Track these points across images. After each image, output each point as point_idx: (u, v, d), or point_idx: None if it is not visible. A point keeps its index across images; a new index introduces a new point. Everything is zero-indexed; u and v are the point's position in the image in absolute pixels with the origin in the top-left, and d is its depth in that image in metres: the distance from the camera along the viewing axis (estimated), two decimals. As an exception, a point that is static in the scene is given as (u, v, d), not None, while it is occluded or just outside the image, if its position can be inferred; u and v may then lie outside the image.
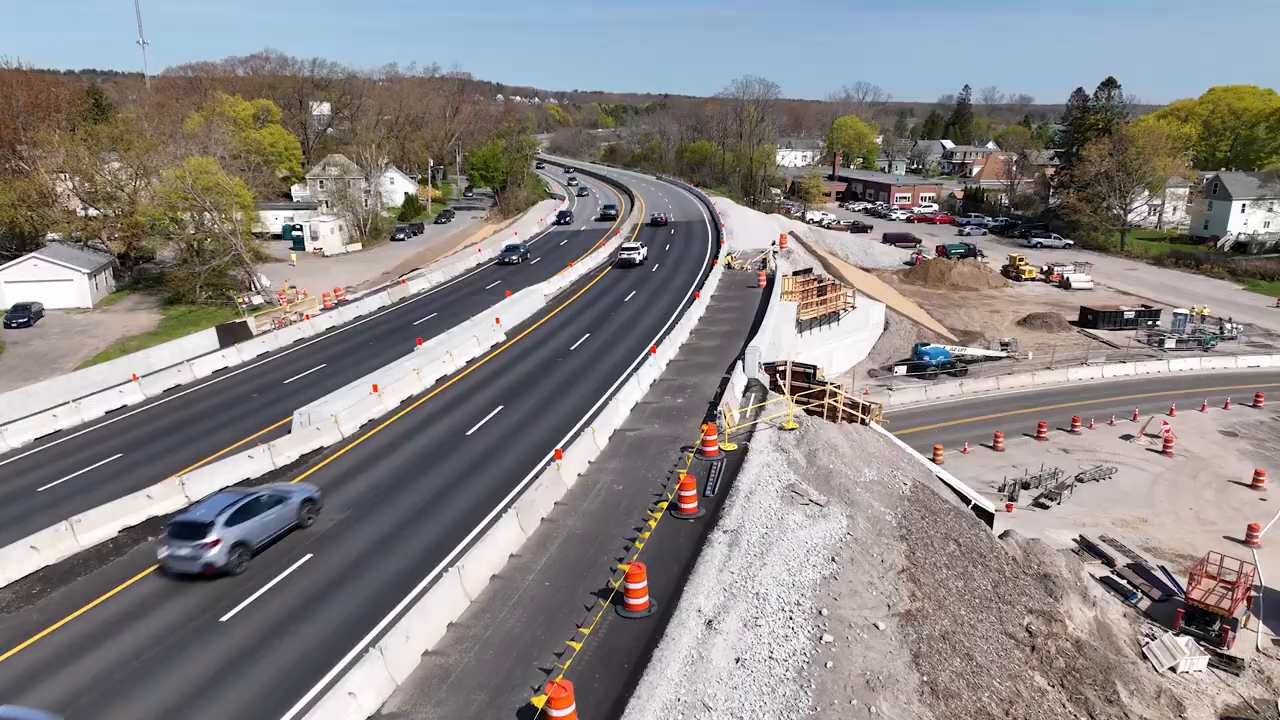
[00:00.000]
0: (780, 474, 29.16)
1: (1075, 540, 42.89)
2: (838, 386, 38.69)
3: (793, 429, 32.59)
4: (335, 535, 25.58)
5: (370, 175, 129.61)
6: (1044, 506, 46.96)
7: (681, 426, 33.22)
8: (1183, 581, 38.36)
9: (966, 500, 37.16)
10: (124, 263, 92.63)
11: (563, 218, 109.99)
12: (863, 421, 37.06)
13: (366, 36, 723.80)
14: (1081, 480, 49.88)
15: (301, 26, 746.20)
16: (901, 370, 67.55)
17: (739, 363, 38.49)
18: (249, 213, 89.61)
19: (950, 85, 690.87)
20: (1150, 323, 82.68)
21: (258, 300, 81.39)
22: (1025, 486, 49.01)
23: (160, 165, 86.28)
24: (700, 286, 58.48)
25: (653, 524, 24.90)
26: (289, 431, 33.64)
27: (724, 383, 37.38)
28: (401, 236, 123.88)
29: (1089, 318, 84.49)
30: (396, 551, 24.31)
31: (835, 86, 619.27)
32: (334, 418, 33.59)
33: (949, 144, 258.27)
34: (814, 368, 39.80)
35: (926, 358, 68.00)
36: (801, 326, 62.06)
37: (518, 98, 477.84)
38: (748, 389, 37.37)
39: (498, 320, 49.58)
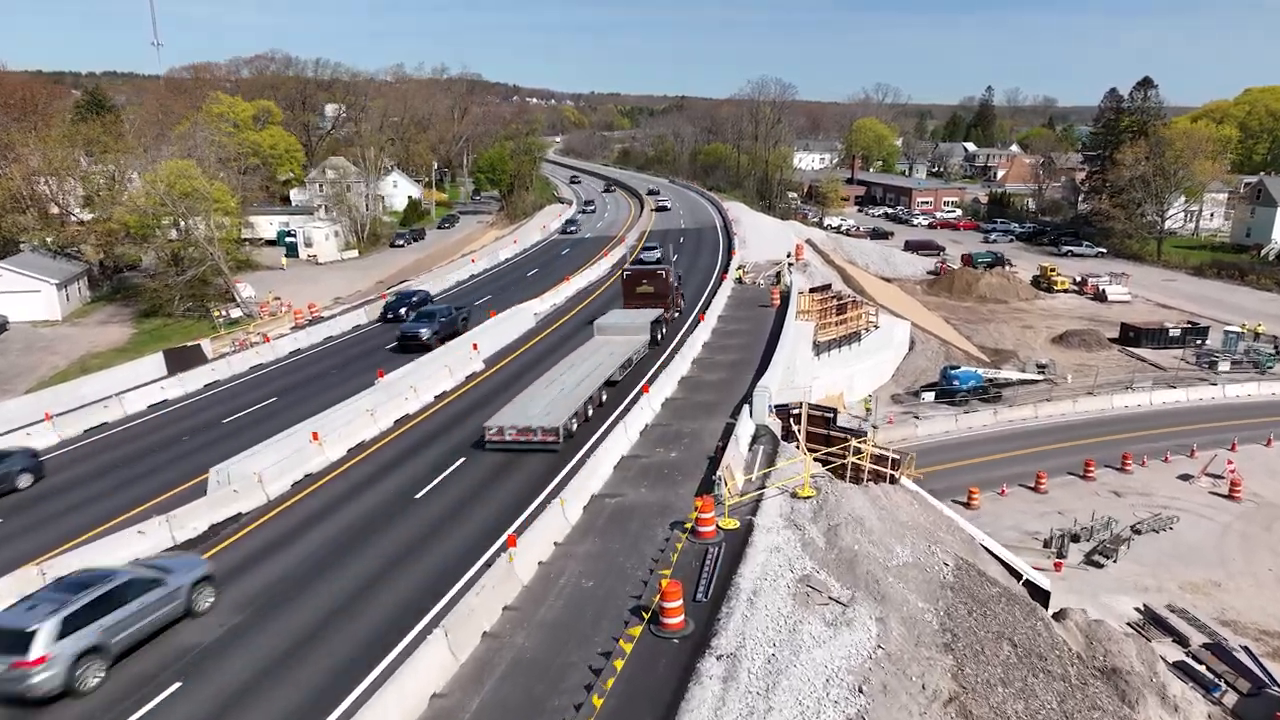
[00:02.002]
0: (793, 561, 23.35)
1: (1139, 611, 36.81)
2: (862, 435, 32.78)
3: (809, 497, 26.74)
4: (221, 649, 19.97)
5: (370, 179, 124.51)
6: (1097, 565, 40.83)
7: (674, 491, 27.42)
8: (1276, 670, 32.28)
9: (1017, 574, 31.18)
10: (103, 272, 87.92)
11: (391, 308, 56.95)
12: (892, 479, 31.16)
13: (381, 38, 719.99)
14: (1139, 532, 43.70)
15: (315, 29, 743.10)
16: (929, 396, 61.46)
17: (745, 406, 32.67)
18: (233, 218, 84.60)
19: (971, 87, 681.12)
20: (1198, 341, 76.09)
21: (236, 313, 76.29)
22: (1075, 539, 42.87)
23: (139, 168, 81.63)
24: (706, 306, 52.69)
25: (625, 651, 19.06)
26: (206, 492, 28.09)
27: (727, 431, 31.59)
28: (401, 243, 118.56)
29: (1130, 335, 77.98)
30: (286, 682, 18.65)
31: (854, 87, 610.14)
32: (257, 476, 28.02)
33: (971, 146, 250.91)
34: (834, 411, 33.93)
35: (956, 382, 61.89)
36: (819, 348, 56.23)
37: (534, 99, 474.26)
38: (755, 440, 31.54)
39: (475, 346, 43.97)
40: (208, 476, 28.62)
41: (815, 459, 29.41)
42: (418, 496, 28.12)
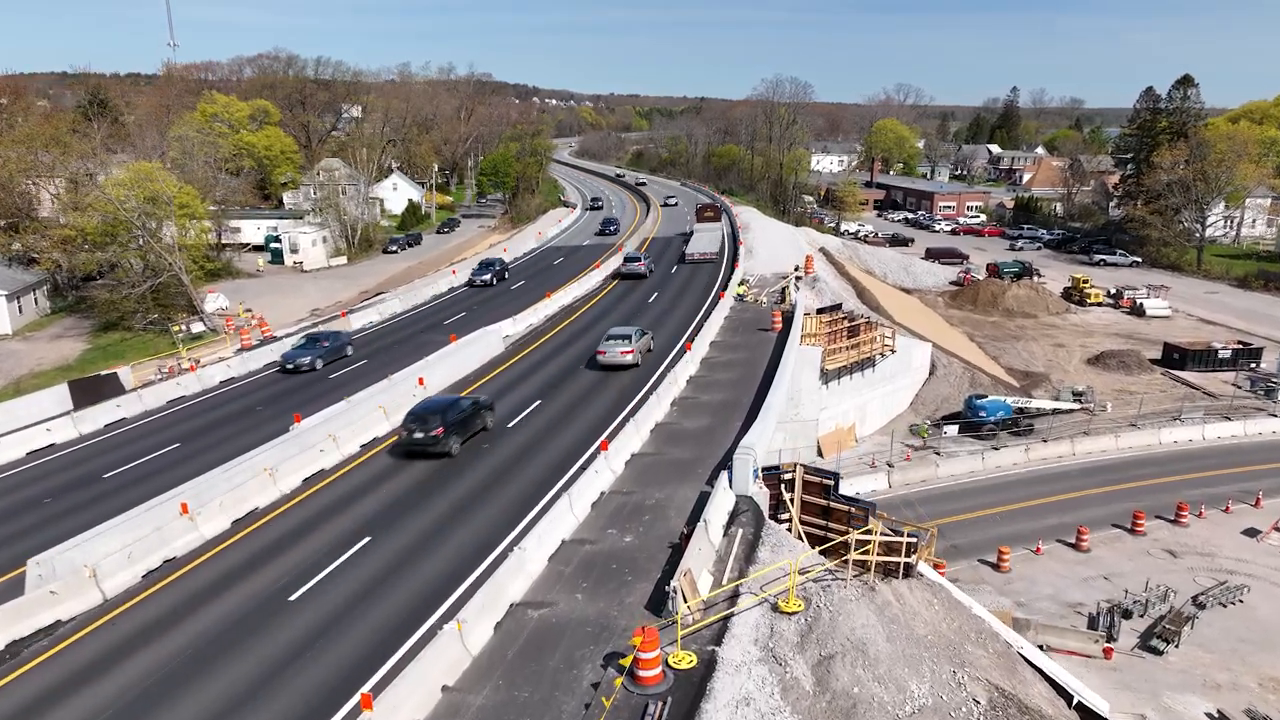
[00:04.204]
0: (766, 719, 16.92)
1: (1212, 719, 30.06)
2: (868, 509, 26.21)
3: (795, 612, 20.31)
4: None
5: (364, 181, 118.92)
6: (1156, 651, 34.03)
7: (618, 600, 20.98)
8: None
9: (1067, 695, 24.55)
10: (69, 281, 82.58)
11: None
12: (906, 569, 24.58)
13: (397, 40, 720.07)
14: (1202, 605, 36.86)
15: (329, 31, 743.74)
16: (952, 429, 54.66)
17: (725, 472, 26.14)
18: (201, 224, 79.02)
19: (995, 87, 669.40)
20: (1251, 364, 68.80)
21: (199, 327, 70.68)
22: (1127, 615, 36.14)
23: (104, 170, 76.45)
24: (697, 332, 46.05)
25: None
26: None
27: (701, 503, 25.17)
28: (394, 249, 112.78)
29: (1174, 356, 70.72)
30: None
31: (875, 88, 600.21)
32: (90, 570, 21.92)
33: (995, 149, 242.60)
34: (835, 475, 27.40)
35: (983, 413, 55.05)
36: (827, 376, 49.74)
37: (553, 100, 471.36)
38: (733, 519, 24.97)
39: (421, 381, 37.71)
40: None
41: (810, 536, 22.94)
42: (293, 598, 21.87)
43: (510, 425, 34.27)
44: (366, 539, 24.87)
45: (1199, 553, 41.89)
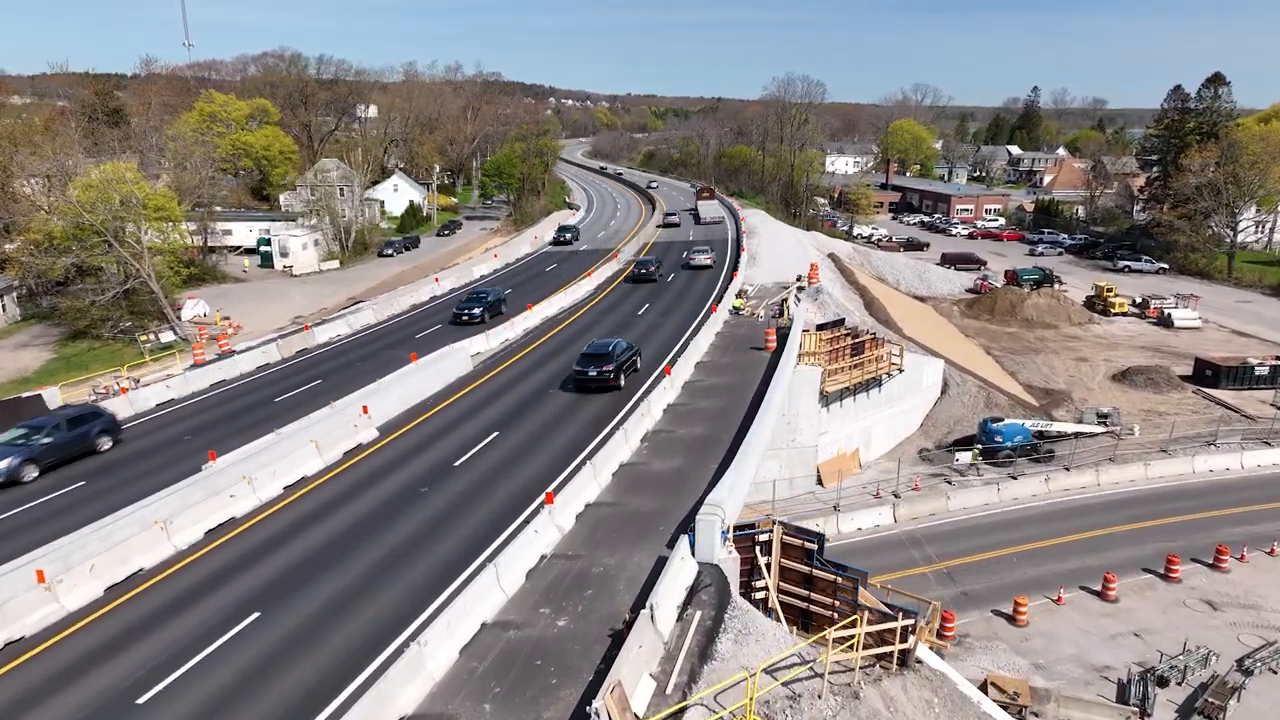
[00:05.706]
0: None
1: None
2: (858, 577, 21.94)
3: (753, 737, 16.11)
4: None
5: (359, 182, 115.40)
6: (1198, 730, 29.61)
7: (535, 716, 16.80)
8: None
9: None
10: (42, 287, 79.26)
11: None
12: (903, 658, 20.29)
13: (407, 40, 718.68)
14: (1249, 671, 32.28)
15: (338, 32, 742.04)
16: (964, 456, 50.14)
17: (684, 538, 21.91)
18: (178, 228, 75.43)
19: (1016, 88, 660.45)
20: (1291, 382, 63.86)
21: (169, 336, 67.05)
22: (1162, 683, 31.65)
23: (75, 171, 72.99)
24: (681, 353, 41.72)
25: None
26: None
27: (657, 572, 20.98)
28: (390, 252, 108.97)
29: (1207, 373, 65.76)
30: None
31: (892, 88, 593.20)
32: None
33: (1015, 150, 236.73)
34: (819, 537, 23.14)
35: (999, 438, 50.51)
36: (827, 399, 45.54)
37: (570, 101, 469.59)
38: (691, 597, 20.67)
39: (365, 410, 33.68)
40: None
41: (788, 617, 18.66)
42: (143, 699, 17.88)
43: (456, 465, 30.15)
44: (256, 614, 20.86)
45: (1242, 604, 37.29)
